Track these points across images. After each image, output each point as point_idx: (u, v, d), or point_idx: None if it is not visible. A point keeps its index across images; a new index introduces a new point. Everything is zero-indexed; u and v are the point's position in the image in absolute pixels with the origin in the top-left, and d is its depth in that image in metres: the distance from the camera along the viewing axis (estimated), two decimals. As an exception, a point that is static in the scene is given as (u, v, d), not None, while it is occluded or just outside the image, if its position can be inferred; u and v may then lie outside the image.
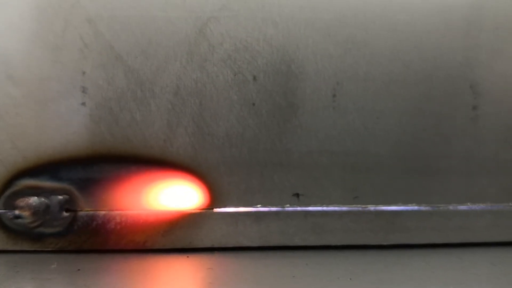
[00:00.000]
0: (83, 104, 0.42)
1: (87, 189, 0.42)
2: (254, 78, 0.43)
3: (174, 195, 0.43)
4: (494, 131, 0.45)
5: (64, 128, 0.42)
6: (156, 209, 0.43)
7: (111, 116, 0.42)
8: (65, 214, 0.42)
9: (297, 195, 0.44)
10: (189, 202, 0.43)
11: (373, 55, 0.44)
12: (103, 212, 0.43)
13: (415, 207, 0.45)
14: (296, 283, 0.37)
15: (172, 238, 0.43)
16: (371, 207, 0.44)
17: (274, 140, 0.44)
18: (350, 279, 0.38)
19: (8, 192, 0.42)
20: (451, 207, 0.45)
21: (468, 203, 0.45)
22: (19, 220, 0.42)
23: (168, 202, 0.43)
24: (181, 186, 0.43)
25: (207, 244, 0.43)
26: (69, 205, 0.42)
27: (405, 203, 0.45)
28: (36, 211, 0.42)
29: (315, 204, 0.44)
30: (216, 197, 0.43)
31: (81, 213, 0.42)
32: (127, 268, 0.40)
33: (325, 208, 0.44)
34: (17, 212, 0.41)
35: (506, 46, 0.45)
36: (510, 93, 0.45)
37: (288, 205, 0.44)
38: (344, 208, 0.44)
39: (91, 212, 0.42)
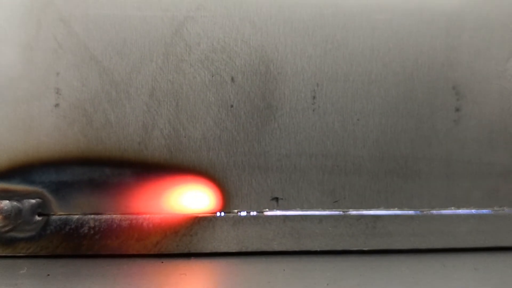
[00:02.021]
0: (57, 105, 0.41)
1: (60, 193, 0.41)
2: (232, 79, 0.42)
3: (148, 199, 0.42)
4: (478, 133, 0.44)
5: (37, 130, 0.41)
6: (130, 214, 0.42)
7: (85, 118, 0.41)
8: (37, 218, 0.41)
9: (276, 199, 0.43)
10: (164, 206, 0.42)
11: (353, 55, 0.43)
12: (76, 216, 0.41)
13: (397, 211, 0.44)
14: (270, 289, 0.36)
15: (146, 243, 0.42)
16: (352, 211, 0.43)
17: (252, 143, 0.43)
18: (327, 284, 0.37)
19: (-22, 195, 0.41)
20: (433, 212, 0.44)
21: (452, 208, 0.44)
22: (-10, 225, 0.40)
23: (142, 207, 0.42)
24: (156, 190, 0.42)
25: (183, 249, 0.42)
26: (41, 209, 0.41)
27: (386, 207, 0.44)
28: (7, 215, 0.41)
29: (294, 208, 0.43)
30: (192, 201, 0.42)
31: (54, 217, 0.41)
32: (98, 273, 0.38)
33: (304, 213, 0.43)
34: (-13, 216, 0.40)
35: (489, 46, 0.44)
36: (494, 94, 0.44)
37: (267, 210, 0.43)
38: (324, 212, 0.43)
39: (64, 216, 0.41)
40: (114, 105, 0.41)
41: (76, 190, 0.41)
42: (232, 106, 0.42)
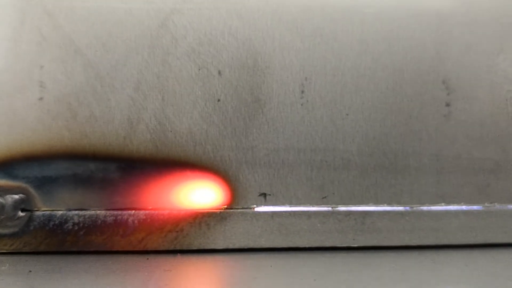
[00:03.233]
0: (41, 99, 0.40)
1: (44, 188, 0.41)
2: (219, 72, 0.42)
3: (134, 195, 0.41)
4: (468, 128, 0.44)
5: (20, 124, 0.40)
6: (115, 209, 0.41)
7: (69, 112, 0.41)
8: (20, 214, 0.40)
9: (264, 194, 0.42)
10: (149, 202, 0.41)
11: (342, 49, 0.42)
12: (60, 212, 0.41)
13: (387, 207, 0.43)
14: (256, 284, 0.35)
15: (132, 239, 0.41)
16: (341, 207, 0.43)
17: (239, 137, 0.42)
18: (315, 280, 0.36)
19: (-41, 190, 0.40)
20: (423, 208, 0.43)
21: (442, 204, 0.44)
22: (-28, 220, 0.40)
23: (127, 202, 0.41)
24: (141, 185, 0.41)
25: (168, 246, 0.41)
26: (25, 204, 0.40)
27: (376, 203, 0.43)
28: (-10, 211, 0.40)
29: (282, 204, 0.42)
30: (178, 197, 0.42)
31: (37, 213, 0.41)
32: (81, 270, 0.38)
33: (293, 208, 0.42)
34: (-31, 212, 0.39)
35: (480, 41, 0.44)
36: (484, 89, 0.44)
37: (254, 205, 0.42)
38: (313, 208, 0.42)
39: (48, 212, 0.41)
40: (99, 99, 0.41)
41: (60, 185, 0.41)
42: (219, 100, 0.42)
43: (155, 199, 0.41)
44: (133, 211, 0.41)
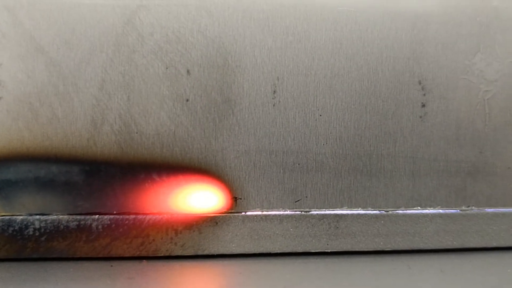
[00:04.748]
0: (0, 99, 0.39)
1: (3, 192, 0.39)
2: (188, 71, 0.40)
3: (98, 199, 0.39)
4: (444, 130, 0.43)
5: (-22, 125, 0.38)
6: (79, 214, 0.39)
7: (30, 112, 0.39)
8: (-22, 219, 0.39)
9: (235, 198, 0.41)
10: (114, 206, 0.40)
11: (315, 48, 0.41)
12: (20, 217, 0.39)
13: (361, 211, 0.42)
14: (224, 293, 0.34)
15: (96, 245, 0.39)
16: (314, 211, 0.42)
17: (209, 139, 0.41)
18: (285, 287, 0.35)
19: None
20: (399, 211, 0.42)
21: (418, 207, 0.43)
22: None
23: (91, 207, 0.39)
24: (105, 189, 0.39)
25: (133, 252, 0.40)
26: (-17, 209, 0.39)
27: (350, 206, 0.42)
28: None
29: (253, 208, 0.41)
30: (144, 201, 0.40)
31: (-4, 218, 0.39)
32: (40, 277, 0.36)
33: (264, 213, 0.41)
34: None
35: (457, 40, 0.43)
36: (461, 89, 0.43)
37: (224, 210, 0.41)
38: (285, 212, 0.41)
39: (7, 217, 0.39)
40: (61, 99, 0.39)
41: (20, 189, 0.39)
42: (187, 100, 0.40)
43: (120, 203, 0.40)
44: (97, 216, 0.39)
